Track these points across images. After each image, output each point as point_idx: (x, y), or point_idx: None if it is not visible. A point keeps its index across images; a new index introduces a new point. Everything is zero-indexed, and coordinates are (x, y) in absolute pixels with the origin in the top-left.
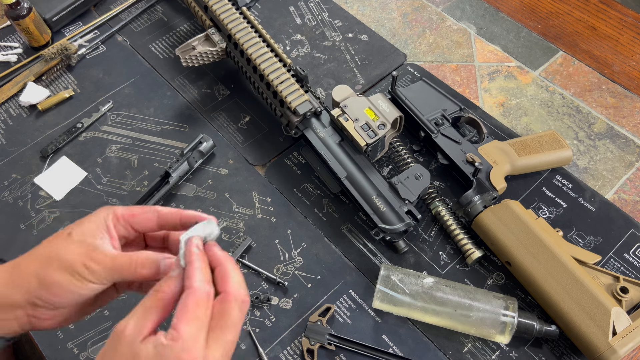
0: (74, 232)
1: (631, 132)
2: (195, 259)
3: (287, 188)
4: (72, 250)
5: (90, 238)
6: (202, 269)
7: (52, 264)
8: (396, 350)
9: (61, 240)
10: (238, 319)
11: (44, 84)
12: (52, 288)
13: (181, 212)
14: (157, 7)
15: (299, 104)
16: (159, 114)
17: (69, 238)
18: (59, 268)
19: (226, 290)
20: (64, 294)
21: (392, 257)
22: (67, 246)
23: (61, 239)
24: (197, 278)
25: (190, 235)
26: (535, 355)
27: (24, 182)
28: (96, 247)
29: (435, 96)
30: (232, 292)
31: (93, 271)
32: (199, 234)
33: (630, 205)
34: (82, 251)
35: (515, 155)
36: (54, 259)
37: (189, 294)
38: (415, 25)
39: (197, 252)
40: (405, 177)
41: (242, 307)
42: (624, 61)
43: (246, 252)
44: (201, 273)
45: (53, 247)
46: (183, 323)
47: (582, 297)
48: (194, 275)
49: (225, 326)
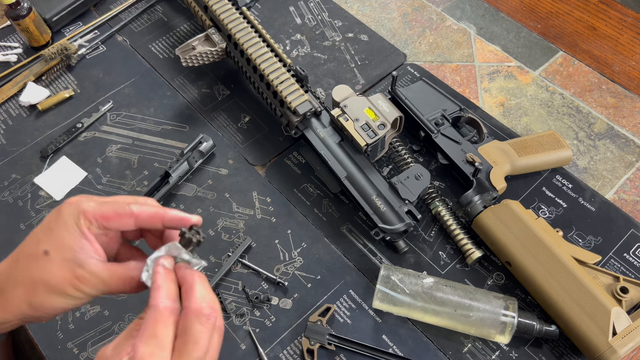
0: (51, 251)
1: (631, 132)
2: (159, 278)
3: (287, 188)
4: (56, 273)
5: (69, 253)
6: (165, 287)
7: (40, 290)
8: (396, 350)
9: (41, 262)
10: (201, 334)
11: (44, 84)
12: (45, 310)
13: (163, 216)
14: (157, 7)
15: (299, 104)
16: (159, 114)
17: (47, 258)
18: (48, 292)
19: (187, 306)
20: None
21: (392, 257)
22: (48, 268)
23: (40, 260)
24: (158, 296)
25: (157, 256)
26: (535, 355)
27: (24, 182)
28: (81, 264)
29: (435, 96)
30: (193, 306)
31: (84, 291)
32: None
33: (630, 205)
34: (67, 272)
35: (515, 155)
36: (40, 284)
37: (149, 312)
38: (415, 25)
39: (162, 272)
40: (405, 177)
41: (205, 321)
42: (624, 61)
43: (246, 252)
44: (164, 290)
45: (34, 271)
46: (140, 342)
47: (582, 297)
48: (156, 294)
49: (188, 343)
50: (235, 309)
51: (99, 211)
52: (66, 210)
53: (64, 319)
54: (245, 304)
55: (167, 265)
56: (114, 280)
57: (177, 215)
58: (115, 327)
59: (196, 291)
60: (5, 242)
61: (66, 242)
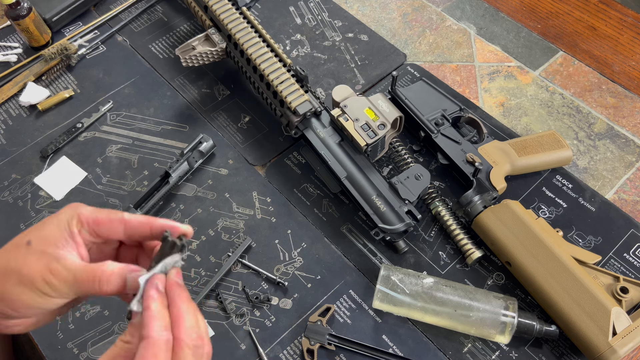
0: (34, 241)
1: (631, 132)
2: (152, 303)
3: (287, 188)
4: (32, 263)
5: (51, 247)
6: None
7: (11, 279)
8: (396, 350)
9: (21, 251)
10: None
11: (44, 84)
12: (13, 303)
13: (152, 223)
14: (157, 7)
15: (299, 104)
16: (159, 114)
17: (28, 248)
18: (18, 283)
19: (177, 337)
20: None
21: (392, 257)
22: (26, 258)
23: (21, 249)
24: (155, 326)
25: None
26: (535, 355)
27: (24, 182)
28: (58, 259)
29: (435, 96)
30: (184, 338)
31: (54, 286)
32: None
33: (630, 205)
34: (42, 264)
35: (515, 155)
36: (12, 273)
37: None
38: (415, 25)
39: (155, 296)
40: (405, 177)
41: (197, 352)
42: (624, 61)
43: (246, 252)
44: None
45: (12, 260)
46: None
47: (582, 297)
48: (151, 323)
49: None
50: (235, 309)
51: (93, 215)
52: (64, 211)
53: (64, 319)
54: (245, 304)
55: (161, 289)
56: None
57: (167, 223)
58: (115, 327)
59: (185, 321)
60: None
61: (52, 237)
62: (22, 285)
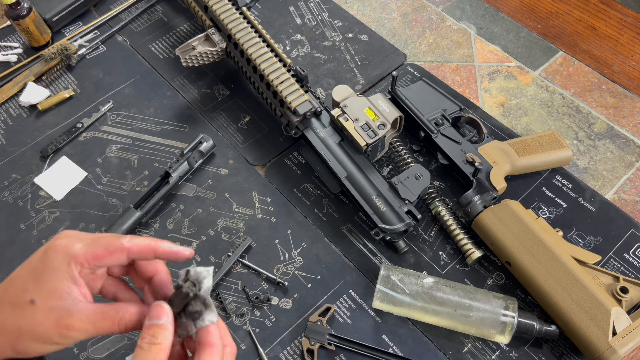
0: (38, 299)
1: (631, 132)
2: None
3: (287, 188)
4: (43, 322)
5: (58, 301)
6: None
7: (25, 338)
8: (396, 350)
9: (27, 312)
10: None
11: (44, 84)
12: (30, 354)
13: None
14: (157, 7)
15: (299, 104)
16: (159, 114)
17: (34, 308)
18: (34, 341)
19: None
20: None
21: (392, 257)
22: (35, 318)
23: (26, 310)
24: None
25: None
26: (535, 355)
27: (24, 182)
28: (70, 313)
29: (435, 96)
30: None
31: (73, 338)
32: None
33: (630, 205)
34: (54, 320)
35: (515, 155)
36: (26, 333)
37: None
38: (415, 25)
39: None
40: (405, 177)
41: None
42: (624, 61)
43: (246, 252)
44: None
45: (20, 320)
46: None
47: (582, 297)
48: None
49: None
50: (235, 309)
51: (90, 252)
52: (55, 257)
53: None
54: (245, 304)
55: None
56: (105, 323)
57: (171, 249)
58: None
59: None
60: (5, 242)
61: (55, 290)
62: (38, 342)
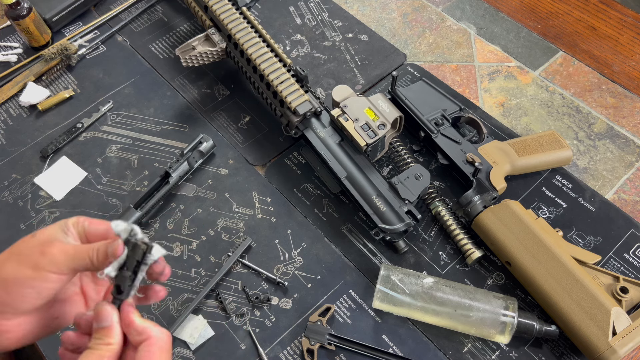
0: (38, 233)
1: (631, 132)
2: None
3: (287, 188)
4: (33, 244)
5: (52, 234)
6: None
7: (11, 260)
8: (396, 350)
9: (25, 240)
10: None
11: (44, 84)
12: (10, 286)
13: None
14: (157, 7)
15: (299, 104)
16: (159, 114)
17: (32, 238)
18: (17, 262)
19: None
20: (23, 291)
21: (392, 257)
22: (28, 243)
23: (25, 240)
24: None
25: (122, 229)
26: (535, 355)
27: (24, 182)
28: (57, 239)
29: (435, 96)
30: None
31: (53, 258)
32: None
33: (630, 205)
34: (42, 243)
35: (515, 155)
36: (14, 255)
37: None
38: (415, 25)
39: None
40: (405, 177)
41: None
42: (624, 61)
43: (246, 252)
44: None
45: (15, 247)
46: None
47: (582, 297)
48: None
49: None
50: (235, 309)
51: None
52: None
53: None
54: (245, 304)
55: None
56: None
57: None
58: None
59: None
60: (6, 242)
61: (53, 229)
62: (20, 264)
